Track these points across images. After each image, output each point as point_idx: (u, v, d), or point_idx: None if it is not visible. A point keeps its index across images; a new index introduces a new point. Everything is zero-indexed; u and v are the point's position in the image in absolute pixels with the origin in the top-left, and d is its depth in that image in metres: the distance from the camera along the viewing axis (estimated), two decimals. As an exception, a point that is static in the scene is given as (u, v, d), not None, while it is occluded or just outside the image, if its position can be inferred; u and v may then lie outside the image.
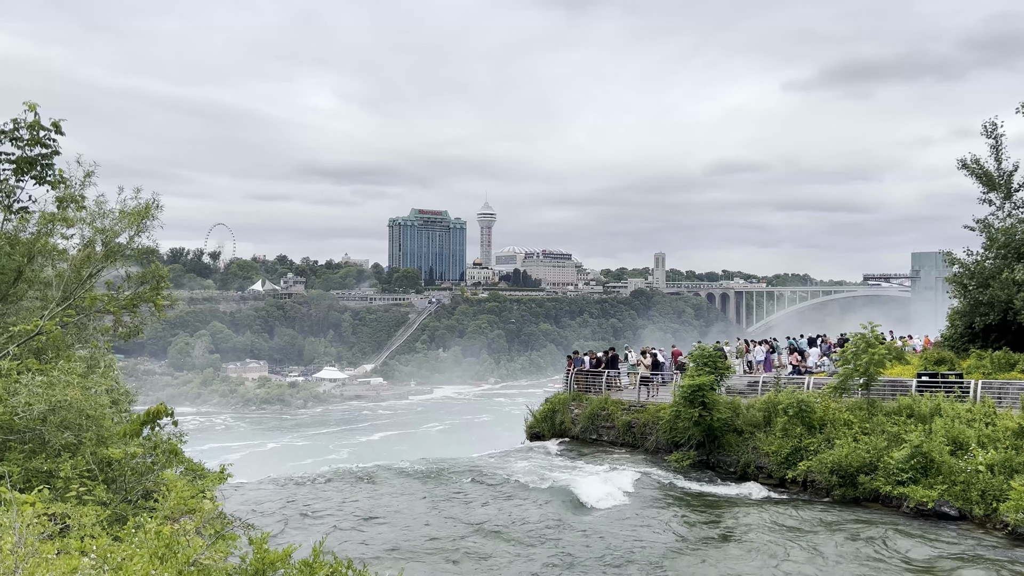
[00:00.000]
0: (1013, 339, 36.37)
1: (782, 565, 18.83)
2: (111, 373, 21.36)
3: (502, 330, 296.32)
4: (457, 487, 26.97)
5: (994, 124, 39.42)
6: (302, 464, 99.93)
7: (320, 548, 8.95)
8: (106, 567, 7.37)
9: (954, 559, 19.11)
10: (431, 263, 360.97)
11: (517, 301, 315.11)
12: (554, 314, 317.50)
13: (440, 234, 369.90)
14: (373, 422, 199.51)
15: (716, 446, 30.15)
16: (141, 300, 20.19)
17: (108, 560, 7.61)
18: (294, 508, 24.19)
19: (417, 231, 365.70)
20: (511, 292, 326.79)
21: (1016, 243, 38.20)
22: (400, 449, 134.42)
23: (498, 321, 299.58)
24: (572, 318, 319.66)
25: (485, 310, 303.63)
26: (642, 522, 22.67)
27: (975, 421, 25.40)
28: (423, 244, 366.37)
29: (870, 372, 28.72)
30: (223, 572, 8.13)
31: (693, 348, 34.40)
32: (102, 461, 13.49)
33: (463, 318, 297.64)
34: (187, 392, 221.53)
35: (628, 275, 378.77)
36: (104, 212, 19.80)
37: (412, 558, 19.26)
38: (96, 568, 7.42)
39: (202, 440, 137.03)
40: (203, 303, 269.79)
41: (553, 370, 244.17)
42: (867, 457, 25.25)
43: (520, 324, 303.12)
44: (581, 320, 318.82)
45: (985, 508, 22.20)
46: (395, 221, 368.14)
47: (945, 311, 44.26)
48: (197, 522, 8.88)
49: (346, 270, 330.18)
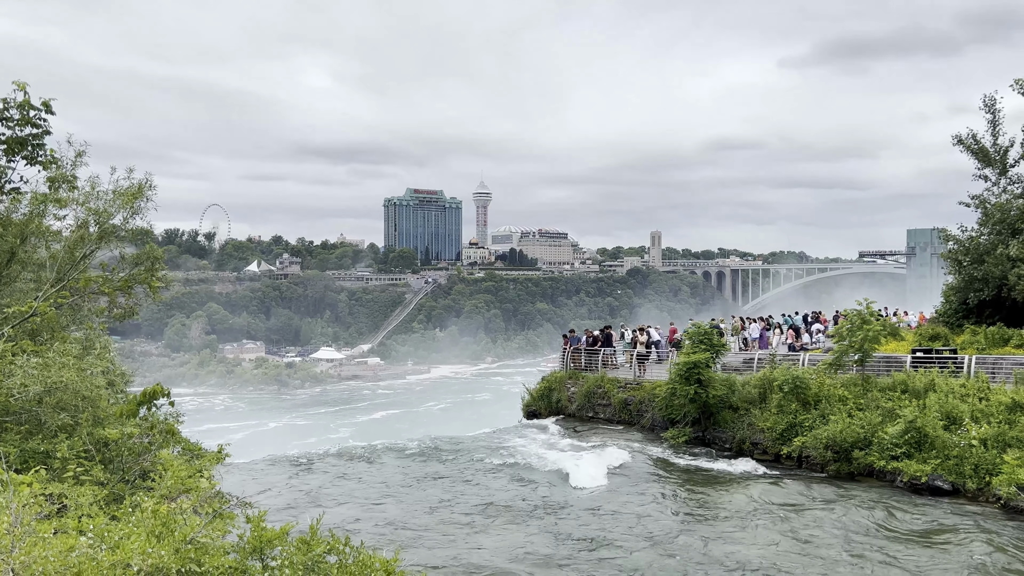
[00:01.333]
0: (1007, 314, 36.51)
1: (777, 540, 19.00)
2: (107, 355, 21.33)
3: (499, 309, 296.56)
4: (454, 465, 27.11)
5: (993, 99, 39.31)
6: (306, 443, 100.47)
7: (317, 526, 8.98)
8: (103, 546, 7.40)
9: (947, 532, 19.29)
10: (427, 243, 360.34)
11: (513, 280, 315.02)
12: (550, 293, 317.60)
13: (436, 214, 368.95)
14: (372, 401, 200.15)
15: (712, 423, 30.32)
16: (136, 281, 20.09)
17: (105, 539, 7.64)
18: (292, 487, 24.32)
19: (413, 211, 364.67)
20: (507, 271, 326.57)
21: (1011, 219, 38.24)
22: (402, 427, 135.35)
23: (494, 300, 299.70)
24: (568, 297, 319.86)
25: (481, 289, 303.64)
26: (638, 498, 22.83)
27: (969, 396, 25.56)
28: (419, 224, 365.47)
29: (865, 348, 28.83)
30: (220, 550, 8.15)
31: (688, 326, 34.49)
32: (99, 441, 13.50)
33: (459, 298, 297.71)
34: (184, 373, 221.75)
35: (624, 254, 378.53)
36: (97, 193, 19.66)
37: (409, 535, 19.38)
38: (93, 546, 7.44)
39: (200, 421, 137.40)
40: (199, 284, 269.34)
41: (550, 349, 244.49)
42: (861, 432, 25.42)
43: (516, 303, 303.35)
44: (577, 299, 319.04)
45: (978, 482, 22.40)
46: (391, 201, 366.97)
47: (940, 287, 44.37)
48: (194, 501, 8.91)
49: (342, 250, 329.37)
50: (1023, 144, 37.81)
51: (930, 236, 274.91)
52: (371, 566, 8.42)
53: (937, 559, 17.38)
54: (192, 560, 7.54)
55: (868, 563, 17.23)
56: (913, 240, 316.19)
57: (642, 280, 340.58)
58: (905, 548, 18.19)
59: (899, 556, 17.64)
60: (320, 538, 8.84)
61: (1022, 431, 22.87)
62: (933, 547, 18.21)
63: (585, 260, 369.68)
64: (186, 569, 7.39)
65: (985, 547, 17.93)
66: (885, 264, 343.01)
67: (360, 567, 8.40)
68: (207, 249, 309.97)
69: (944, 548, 18.07)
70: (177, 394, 18.96)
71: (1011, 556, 17.32)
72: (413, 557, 16.62)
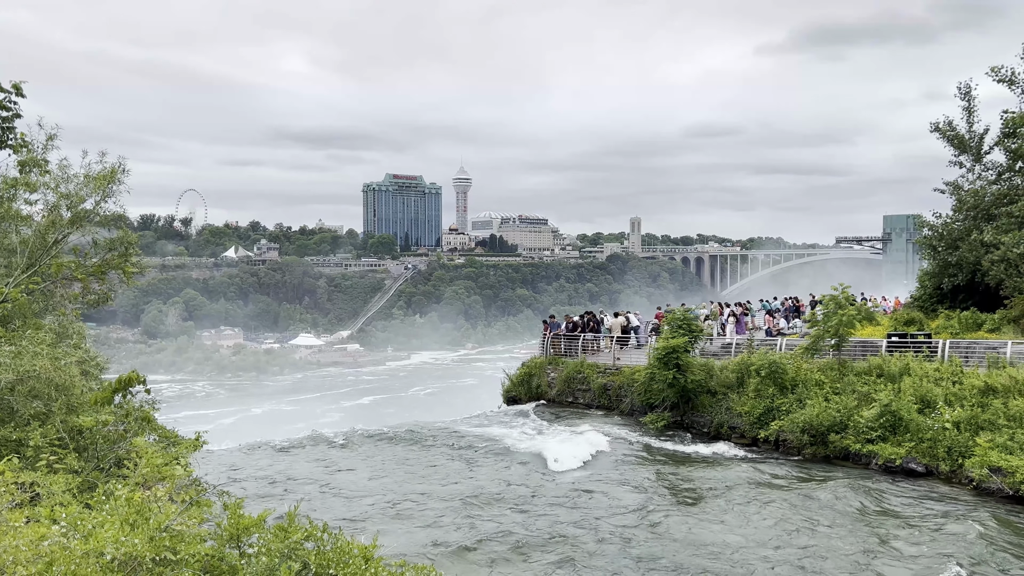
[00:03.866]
0: (980, 299, 37.02)
1: (753, 521, 19.19)
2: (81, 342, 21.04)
3: (479, 295, 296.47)
4: (433, 451, 27.11)
5: (968, 86, 39.68)
6: (295, 427, 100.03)
7: (295, 512, 8.92)
8: (76, 534, 7.29)
9: (921, 513, 19.59)
10: (407, 229, 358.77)
11: (494, 266, 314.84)
12: (531, 279, 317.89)
13: (416, 199, 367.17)
14: (356, 387, 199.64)
15: (690, 407, 30.53)
16: (109, 267, 19.80)
17: (78, 528, 7.53)
18: (271, 474, 24.20)
19: (392, 196, 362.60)
20: (488, 257, 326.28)
21: (985, 205, 38.71)
22: (389, 412, 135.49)
23: (475, 287, 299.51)
24: (549, 283, 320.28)
25: (462, 276, 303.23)
26: (617, 482, 22.95)
27: (943, 380, 25.90)
28: (398, 209, 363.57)
29: (841, 333, 29.12)
30: (197, 537, 8.07)
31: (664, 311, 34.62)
32: (73, 429, 13.31)
33: (440, 284, 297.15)
34: (161, 360, 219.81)
35: (604, 240, 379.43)
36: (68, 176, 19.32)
37: (388, 521, 19.37)
38: (66, 535, 7.34)
39: (179, 408, 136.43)
40: (175, 270, 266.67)
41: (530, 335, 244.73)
42: (837, 416, 25.71)
43: (497, 289, 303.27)
44: (558, 285, 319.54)
45: (951, 464, 22.76)
46: (370, 186, 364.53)
47: (915, 273, 44.90)
48: (169, 489, 8.80)
49: (320, 236, 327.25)
50: (999, 131, 38.17)
51: (906, 222, 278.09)
52: (349, 552, 8.38)
53: (910, 539, 17.64)
54: (167, 548, 7.45)
55: (842, 544, 17.45)
56: (889, 226, 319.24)
57: (622, 266, 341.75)
58: (879, 529, 18.44)
59: (873, 537, 17.89)
60: (298, 525, 8.79)
61: (994, 414, 23.23)
62: (906, 528, 18.48)
63: (565, 246, 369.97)
64: (161, 557, 7.31)
65: (957, 527, 18.23)
66: (862, 250, 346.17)
67: (338, 553, 8.36)
68: (183, 235, 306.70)
69: (917, 529, 18.35)
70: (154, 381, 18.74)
71: (983, 537, 17.61)
72: (392, 543, 16.60)
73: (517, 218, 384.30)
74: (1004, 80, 36.95)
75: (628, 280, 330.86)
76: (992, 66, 37.10)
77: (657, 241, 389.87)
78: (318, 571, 8.08)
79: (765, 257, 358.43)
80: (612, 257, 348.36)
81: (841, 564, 16.38)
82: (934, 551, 16.83)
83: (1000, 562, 16.22)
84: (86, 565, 6.62)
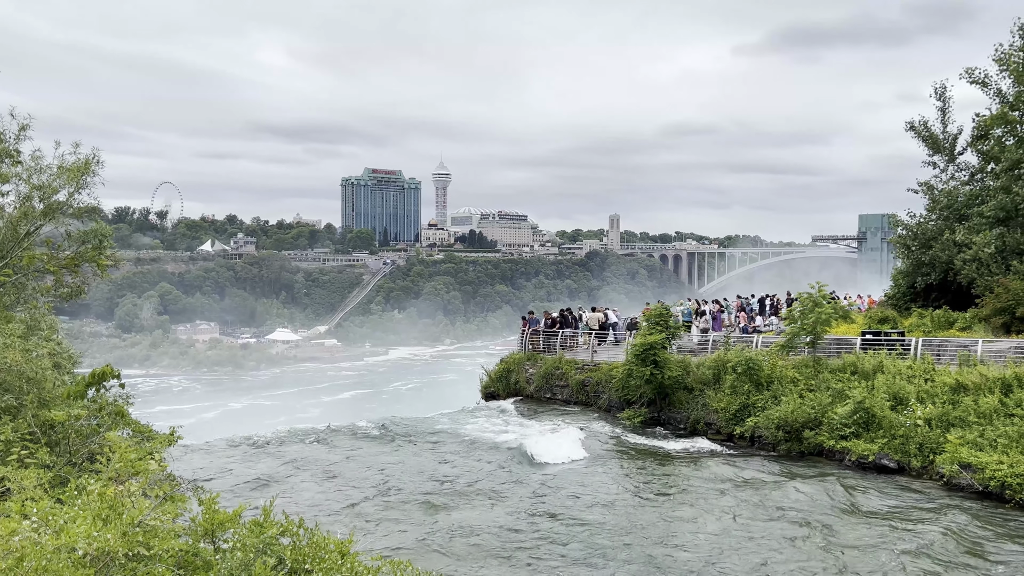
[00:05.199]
0: (953, 298, 37.54)
1: (725, 515, 19.36)
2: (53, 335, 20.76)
3: (458, 291, 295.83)
4: (410, 446, 27.05)
5: (943, 86, 40.21)
6: (277, 421, 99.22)
7: (271, 507, 8.86)
8: (47, 529, 7.20)
9: (893, 508, 19.86)
10: (385, 223, 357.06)
11: (473, 262, 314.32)
12: (510, 275, 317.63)
13: (395, 194, 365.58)
14: (335, 382, 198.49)
15: (667, 403, 30.71)
16: (83, 259, 19.56)
17: (50, 523, 7.44)
18: (248, 469, 24.03)
19: (371, 191, 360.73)
20: (467, 253, 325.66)
21: (958, 205, 39.28)
22: (371, 407, 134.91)
23: (454, 282, 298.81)
24: (528, 279, 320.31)
25: (441, 271, 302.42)
26: (594, 477, 23.05)
27: (915, 377, 26.26)
28: (377, 204, 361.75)
29: (816, 331, 29.41)
30: (171, 533, 7.99)
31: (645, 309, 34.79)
32: (44, 424, 13.15)
33: (418, 279, 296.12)
34: (136, 355, 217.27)
35: (584, 236, 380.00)
36: (41, 167, 19.05)
37: (365, 517, 19.32)
38: (37, 530, 7.24)
39: (154, 403, 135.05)
40: (150, 264, 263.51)
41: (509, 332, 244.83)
42: (812, 413, 25.99)
43: (476, 285, 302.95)
44: (537, 281, 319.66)
45: (922, 460, 23.09)
46: (348, 180, 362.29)
47: (890, 272, 45.46)
48: (143, 483, 8.71)
49: (298, 230, 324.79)
50: (971, 133, 38.74)
51: (881, 221, 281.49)
52: (325, 547, 8.33)
53: (881, 534, 17.88)
54: (140, 543, 7.38)
55: (816, 538, 17.66)
56: (864, 225, 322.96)
57: (601, 263, 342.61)
58: (851, 523, 18.68)
59: (845, 531, 18.12)
60: (273, 520, 8.73)
61: (965, 411, 23.59)
62: (878, 523, 18.73)
63: (545, 243, 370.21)
64: (134, 553, 7.23)
65: (927, 524, 18.51)
66: (837, 248, 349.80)
67: (314, 548, 8.31)
68: (159, 228, 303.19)
69: (889, 523, 18.60)
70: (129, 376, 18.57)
71: (952, 532, 17.90)
72: (368, 539, 16.57)
73: (497, 214, 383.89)
74: (977, 82, 37.49)
75: (607, 277, 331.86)
76: (967, 67, 37.69)
77: (636, 238, 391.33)
78: (294, 566, 8.03)
79: (742, 255, 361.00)
80: (591, 254, 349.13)
81: (806, 557, 16.57)
82: (899, 547, 17.07)
83: (962, 557, 16.49)
84: (58, 560, 6.53)
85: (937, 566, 15.93)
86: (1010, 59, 35.81)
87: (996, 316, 32.63)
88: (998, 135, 37.24)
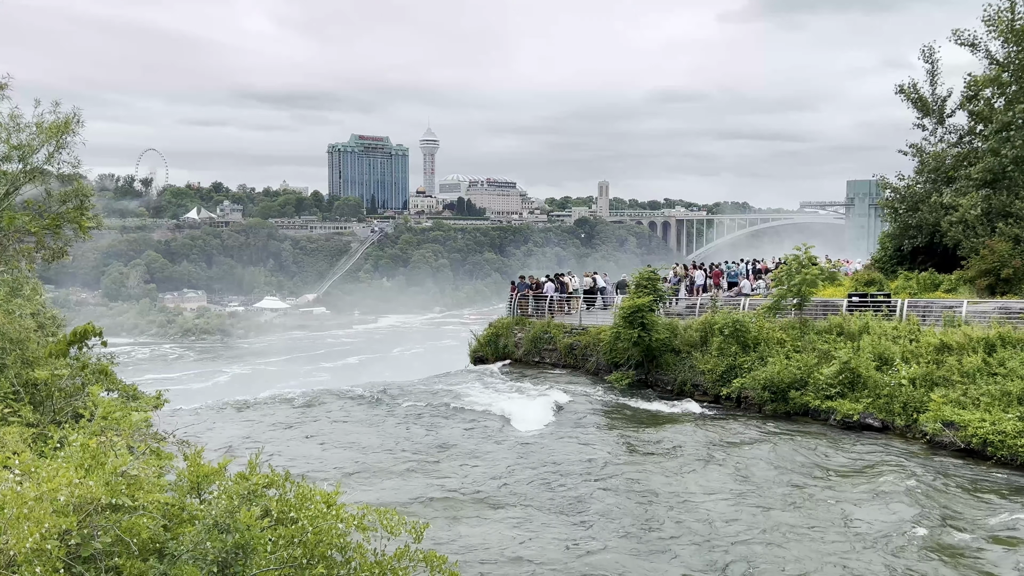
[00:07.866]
0: (939, 260, 37.74)
1: (716, 475, 19.56)
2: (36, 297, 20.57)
3: (447, 259, 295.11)
4: (397, 409, 27.11)
5: (931, 49, 39.97)
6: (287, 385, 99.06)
7: (256, 460, 8.84)
8: (30, 481, 7.15)
9: (877, 465, 20.11)
10: (373, 191, 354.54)
11: (462, 230, 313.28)
12: (499, 243, 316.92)
13: (382, 161, 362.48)
14: (332, 348, 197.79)
15: (654, 366, 30.86)
16: (64, 220, 19.29)
17: (32, 475, 7.39)
18: (234, 431, 24.05)
19: (358, 157, 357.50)
20: (455, 221, 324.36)
21: (946, 167, 39.29)
22: (378, 369, 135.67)
23: (443, 250, 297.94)
24: (517, 247, 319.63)
25: (429, 239, 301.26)
26: (581, 438, 23.20)
27: (900, 338, 26.46)
28: (364, 171, 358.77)
29: (803, 293, 29.53)
30: (156, 485, 7.97)
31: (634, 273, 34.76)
32: (27, 383, 13.06)
33: (407, 247, 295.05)
34: (123, 323, 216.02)
35: (572, 204, 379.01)
36: (20, 126, 18.72)
37: (350, 475, 19.41)
38: (20, 482, 7.19)
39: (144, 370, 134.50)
40: (136, 232, 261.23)
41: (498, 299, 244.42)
42: (798, 374, 26.19)
43: (465, 253, 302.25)
44: (526, 249, 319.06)
45: (906, 419, 23.35)
46: (335, 147, 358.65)
47: (877, 237, 45.57)
48: (126, 435, 8.66)
49: (285, 198, 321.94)
50: (961, 94, 38.60)
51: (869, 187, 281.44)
52: (311, 498, 8.34)
53: (865, 490, 18.12)
54: (124, 494, 7.35)
55: (801, 495, 17.88)
56: (852, 191, 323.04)
57: (589, 230, 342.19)
58: (836, 481, 18.93)
59: (830, 488, 18.36)
60: (259, 473, 8.72)
61: (948, 371, 23.83)
62: (862, 480, 18.98)
63: (534, 210, 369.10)
64: (118, 503, 7.20)
65: (909, 480, 18.76)
66: (825, 215, 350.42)
67: (300, 499, 8.31)
68: (144, 195, 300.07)
69: (872, 480, 18.85)
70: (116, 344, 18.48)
71: (933, 487, 18.16)
72: (353, 494, 16.63)
73: (485, 181, 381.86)
74: (966, 44, 37.27)
75: (596, 244, 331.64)
76: (954, 29, 37.45)
77: (625, 206, 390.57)
78: (279, 516, 8.04)
79: (731, 222, 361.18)
80: (580, 221, 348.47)
81: (787, 514, 16.78)
82: (878, 500, 17.31)
83: (936, 509, 16.75)
84: (39, 509, 6.49)
85: (913, 516, 16.17)
86: (1000, 19, 35.57)
87: (981, 278, 32.84)
88: (987, 96, 37.11)
